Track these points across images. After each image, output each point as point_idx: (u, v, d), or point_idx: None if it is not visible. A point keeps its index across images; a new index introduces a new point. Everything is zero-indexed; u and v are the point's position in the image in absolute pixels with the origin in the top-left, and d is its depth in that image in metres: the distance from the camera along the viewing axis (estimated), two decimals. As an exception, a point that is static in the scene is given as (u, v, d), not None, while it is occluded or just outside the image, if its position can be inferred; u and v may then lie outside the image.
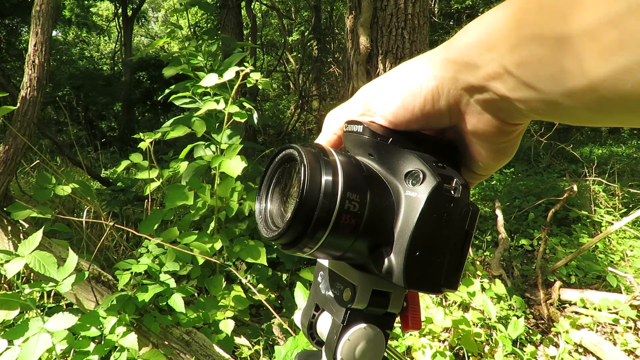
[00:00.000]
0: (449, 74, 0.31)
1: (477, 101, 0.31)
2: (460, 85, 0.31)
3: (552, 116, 0.28)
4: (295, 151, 0.34)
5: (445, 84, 0.32)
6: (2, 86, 2.58)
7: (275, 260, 2.47)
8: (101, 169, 5.94)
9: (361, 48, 2.82)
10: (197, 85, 1.99)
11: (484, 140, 0.33)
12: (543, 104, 0.26)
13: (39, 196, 1.79)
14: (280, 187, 0.38)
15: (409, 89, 0.33)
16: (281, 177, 0.38)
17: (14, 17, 9.30)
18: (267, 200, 0.39)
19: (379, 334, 0.38)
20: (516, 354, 1.93)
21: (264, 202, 0.39)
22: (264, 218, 0.38)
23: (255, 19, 7.90)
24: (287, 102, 12.44)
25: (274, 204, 0.38)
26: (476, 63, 0.29)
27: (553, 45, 0.23)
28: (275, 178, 0.39)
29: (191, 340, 1.60)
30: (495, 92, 0.29)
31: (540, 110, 0.27)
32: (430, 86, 0.32)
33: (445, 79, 0.31)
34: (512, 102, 0.28)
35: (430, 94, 0.32)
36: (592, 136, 9.47)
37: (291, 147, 0.35)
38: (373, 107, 0.36)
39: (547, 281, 2.67)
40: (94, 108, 10.74)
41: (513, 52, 0.26)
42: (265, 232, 0.36)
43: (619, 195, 3.99)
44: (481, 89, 0.30)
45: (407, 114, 0.34)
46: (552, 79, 0.24)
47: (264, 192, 0.39)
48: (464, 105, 0.32)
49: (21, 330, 1.14)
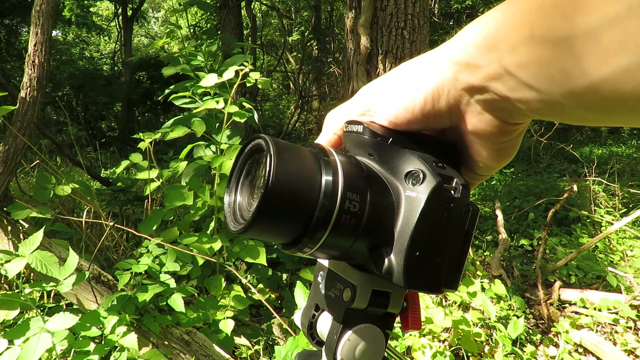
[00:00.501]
0: (449, 75, 0.31)
1: (478, 101, 0.31)
2: (461, 86, 0.31)
3: (552, 116, 0.28)
4: (262, 141, 0.33)
5: (446, 84, 0.32)
6: (2, 86, 2.58)
7: (275, 260, 2.47)
8: (101, 169, 5.94)
9: (361, 48, 2.82)
10: (197, 86, 1.99)
11: (484, 140, 0.33)
12: (543, 104, 0.26)
13: (39, 196, 1.79)
14: (249, 178, 0.37)
15: (409, 90, 0.33)
16: (251, 169, 0.37)
17: (14, 17, 9.30)
18: (236, 192, 0.37)
19: (379, 334, 0.38)
20: (516, 354, 1.93)
21: (233, 195, 0.37)
22: (232, 211, 0.37)
23: (255, 19, 7.90)
24: (287, 102, 12.44)
25: (243, 196, 0.37)
26: (477, 63, 0.29)
27: (554, 46, 0.24)
28: (245, 170, 0.37)
29: (191, 340, 1.60)
30: (495, 92, 0.29)
31: (541, 111, 0.27)
32: (430, 87, 0.32)
33: (446, 79, 0.31)
34: (513, 103, 0.28)
35: (430, 95, 0.32)
36: (592, 136, 9.47)
37: (259, 137, 0.34)
38: (373, 108, 0.36)
39: (547, 281, 2.67)
40: (94, 108, 10.74)
41: (513, 53, 0.26)
42: (233, 225, 0.34)
43: (619, 195, 3.99)
44: (481, 90, 0.30)
45: (408, 115, 0.34)
46: (552, 80, 0.24)
47: (233, 185, 0.37)
48: (464, 105, 0.32)
49: (22, 330, 1.14)
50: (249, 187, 0.36)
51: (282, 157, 0.31)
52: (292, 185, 0.31)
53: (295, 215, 0.31)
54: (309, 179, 0.32)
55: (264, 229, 0.32)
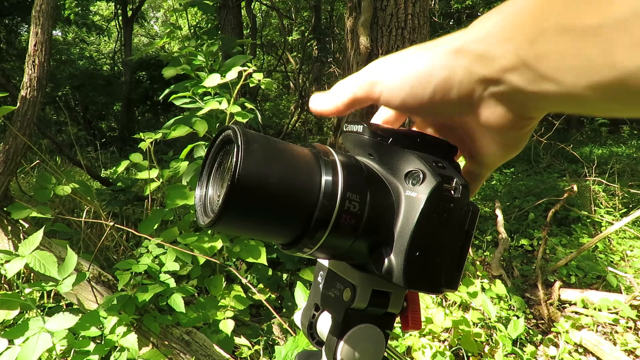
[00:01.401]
0: (462, 64, 0.30)
1: (491, 94, 0.30)
2: (474, 77, 0.30)
3: (572, 108, 0.27)
4: (231, 131, 0.32)
5: (458, 74, 0.30)
6: (2, 86, 2.58)
7: (276, 260, 2.47)
8: (101, 169, 5.94)
9: (361, 48, 2.82)
10: (198, 86, 1.99)
11: (495, 133, 0.33)
12: (564, 97, 0.25)
13: (39, 196, 1.79)
14: (220, 171, 0.36)
15: (418, 77, 0.32)
16: (222, 161, 0.36)
17: (14, 17, 9.30)
18: (207, 185, 0.36)
19: (379, 334, 0.38)
20: (516, 354, 1.93)
21: (204, 188, 0.36)
22: (202, 204, 0.35)
23: (255, 19, 7.90)
24: (287, 102, 12.44)
25: (214, 189, 0.36)
26: (492, 54, 0.28)
27: (579, 37, 0.23)
28: (217, 162, 0.36)
29: (191, 340, 1.60)
30: (511, 84, 0.28)
31: (561, 103, 0.27)
32: (441, 76, 0.31)
33: (458, 69, 0.30)
34: (529, 95, 0.27)
35: (441, 84, 0.31)
36: (592, 136, 9.46)
37: (229, 128, 0.33)
38: (378, 89, 0.34)
39: (547, 281, 2.67)
40: (94, 108, 10.74)
41: (533, 44, 0.25)
42: (202, 218, 0.34)
43: (619, 195, 3.99)
44: (496, 82, 0.29)
45: (416, 103, 0.32)
46: (575, 72, 0.24)
47: (204, 177, 0.36)
48: (477, 97, 0.31)
49: (21, 329, 1.14)
50: (220, 180, 0.35)
51: (251, 147, 0.30)
52: (263, 175, 0.29)
53: (271, 206, 0.30)
54: (305, 177, 0.31)
55: (234, 222, 0.30)
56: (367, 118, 0.43)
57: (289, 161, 0.31)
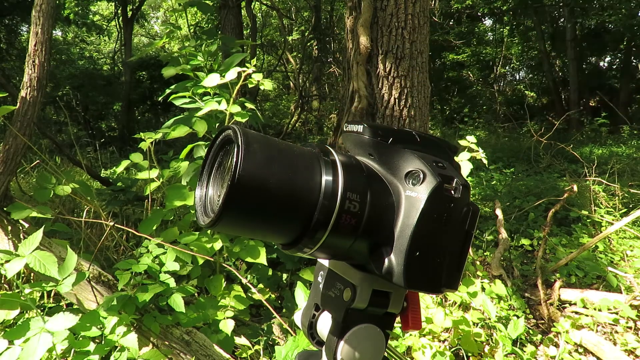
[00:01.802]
0: None
1: None
2: None
3: None
4: (232, 131, 0.32)
5: None
6: (2, 86, 2.58)
7: (276, 260, 2.47)
8: (101, 169, 5.94)
9: (361, 48, 2.82)
10: (197, 86, 1.99)
11: None
12: None
13: (39, 196, 1.79)
14: (220, 170, 0.36)
15: None
16: (222, 161, 0.36)
17: (14, 17, 9.30)
18: (207, 185, 0.36)
19: (379, 334, 0.38)
20: (516, 354, 1.93)
21: (204, 188, 0.36)
22: (203, 204, 0.35)
23: (255, 19, 7.89)
24: (287, 102, 12.43)
25: (214, 189, 0.36)
26: None
27: None
28: (217, 162, 0.36)
29: (191, 340, 1.60)
30: None
31: None
32: None
33: None
34: None
35: None
36: (592, 136, 9.46)
37: (229, 128, 0.33)
38: None
39: (547, 281, 2.67)
40: (94, 108, 10.72)
41: None
42: (202, 218, 0.34)
43: (619, 195, 3.98)
44: None
45: None
46: None
47: (205, 178, 0.36)
48: None
49: (22, 330, 1.14)
50: (220, 180, 0.35)
51: (251, 147, 0.30)
52: (263, 175, 0.29)
53: (271, 206, 0.30)
54: (305, 177, 0.31)
55: (234, 222, 0.30)
56: (367, 118, 0.43)
57: (289, 161, 0.31)
